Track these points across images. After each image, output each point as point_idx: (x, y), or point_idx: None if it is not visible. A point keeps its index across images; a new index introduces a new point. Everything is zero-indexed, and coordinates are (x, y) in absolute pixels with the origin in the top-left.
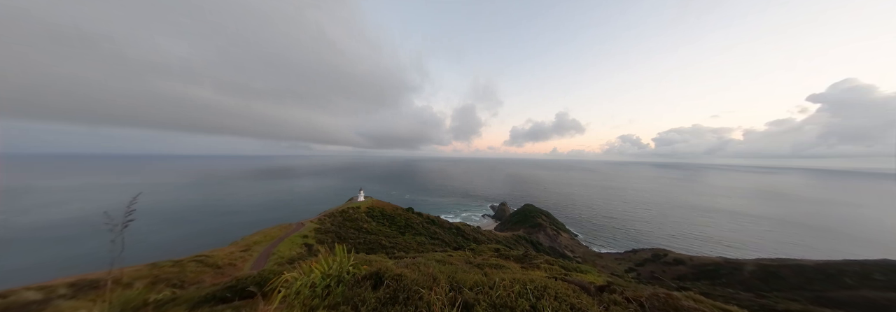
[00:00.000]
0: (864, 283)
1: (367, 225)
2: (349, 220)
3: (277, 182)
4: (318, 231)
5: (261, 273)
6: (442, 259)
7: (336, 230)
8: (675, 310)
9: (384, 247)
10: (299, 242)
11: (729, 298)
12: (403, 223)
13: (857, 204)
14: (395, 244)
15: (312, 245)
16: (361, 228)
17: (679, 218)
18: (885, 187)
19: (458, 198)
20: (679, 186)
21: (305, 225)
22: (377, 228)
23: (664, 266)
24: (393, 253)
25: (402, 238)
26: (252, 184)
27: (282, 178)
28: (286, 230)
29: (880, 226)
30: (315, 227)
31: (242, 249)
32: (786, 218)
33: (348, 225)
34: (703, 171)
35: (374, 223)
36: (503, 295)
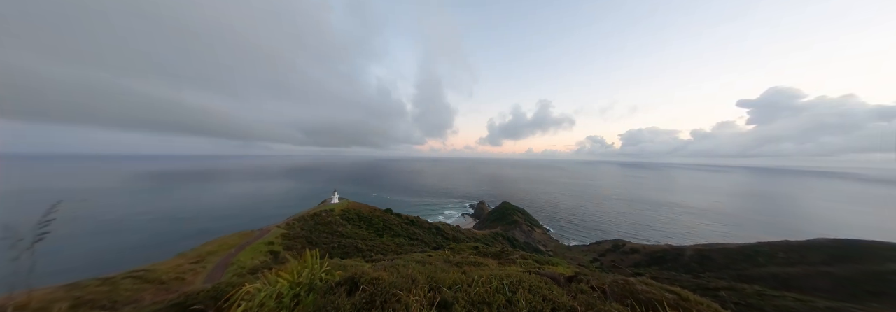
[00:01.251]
0: (771, 261)
1: (343, 228)
2: (322, 224)
3: (235, 184)
4: (285, 236)
5: (216, 286)
6: (421, 259)
7: (307, 235)
8: (631, 294)
9: (361, 251)
10: (263, 250)
11: (673, 280)
12: (382, 225)
13: (777, 196)
14: (373, 246)
15: (279, 252)
16: (336, 232)
17: (636, 211)
18: (803, 182)
19: (438, 198)
20: (638, 183)
21: (271, 230)
22: (353, 231)
23: (623, 255)
24: (370, 256)
25: (380, 240)
26: (205, 187)
27: (240, 180)
28: (248, 237)
29: (791, 214)
30: (282, 233)
31: (193, 261)
32: (720, 209)
33: (321, 228)
34: (660, 169)
35: (349, 226)
36: (481, 292)
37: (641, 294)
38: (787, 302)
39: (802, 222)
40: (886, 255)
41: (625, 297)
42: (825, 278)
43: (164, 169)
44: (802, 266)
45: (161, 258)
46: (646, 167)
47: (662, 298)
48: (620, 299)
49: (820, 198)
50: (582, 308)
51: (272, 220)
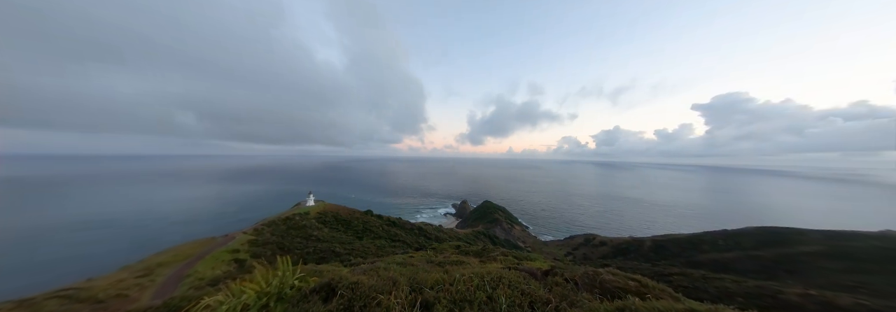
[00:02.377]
0: (713, 248)
1: (318, 232)
2: (295, 228)
3: (193, 187)
4: (253, 243)
5: (168, 302)
6: (403, 261)
7: (278, 240)
8: (599, 284)
9: (339, 255)
10: (227, 258)
11: (635, 269)
12: (361, 227)
13: (723, 191)
14: (352, 250)
15: (245, 260)
16: (311, 236)
17: (606, 207)
18: (748, 179)
19: (421, 198)
20: (609, 181)
21: (236, 237)
22: (330, 235)
23: (593, 248)
24: (349, 260)
25: (359, 243)
26: (153, 191)
27: (193, 183)
28: (207, 245)
29: (731, 206)
30: (249, 239)
31: (140, 274)
32: (676, 203)
33: (294, 233)
34: (631, 169)
35: (326, 229)
36: (462, 290)
37: (608, 284)
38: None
39: (739, 213)
40: (798, 239)
41: (594, 287)
42: (754, 261)
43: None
44: (737, 251)
45: (99, 273)
46: (618, 166)
47: (626, 286)
48: (590, 289)
49: (757, 193)
50: (556, 300)
51: (238, 226)
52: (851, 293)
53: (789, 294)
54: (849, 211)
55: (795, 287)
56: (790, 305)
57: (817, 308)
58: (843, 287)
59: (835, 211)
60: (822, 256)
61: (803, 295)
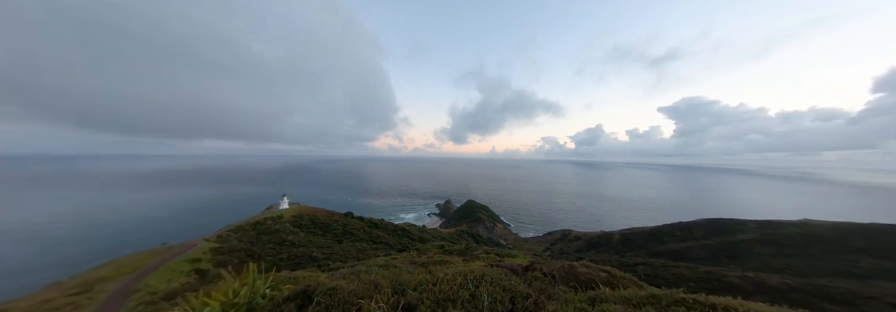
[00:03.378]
0: (671, 239)
1: (293, 236)
2: (267, 233)
3: (137, 191)
4: (217, 251)
5: None
6: (385, 263)
7: (247, 247)
8: (574, 276)
9: (316, 260)
10: (185, 269)
11: (605, 261)
12: (340, 230)
13: (685, 188)
14: (331, 254)
15: (208, 270)
16: (285, 241)
17: (582, 204)
18: (708, 177)
19: (404, 199)
20: (585, 180)
21: (197, 245)
22: (307, 239)
23: (569, 242)
24: (328, 265)
25: (339, 246)
26: (85, 195)
27: (144, 186)
28: (161, 255)
29: (689, 201)
30: (213, 247)
31: (74, 292)
32: (643, 199)
33: (266, 238)
34: (607, 167)
35: (302, 233)
36: (445, 290)
37: (582, 276)
38: (681, 270)
39: (693, 207)
40: (738, 228)
41: (570, 279)
42: (705, 249)
43: (89, 170)
44: (691, 241)
45: (20, 292)
46: (595, 166)
47: (598, 277)
48: (566, 281)
49: (711, 189)
50: (536, 294)
51: (200, 232)
52: (779, 273)
53: (731, 278)
54: (781, 202)
55: (736, 270)
56: (732, 286)
57: (754, 288)
58: (773, 269)
59: (770, 203)
60: (757, 243)
61: (742, 278)
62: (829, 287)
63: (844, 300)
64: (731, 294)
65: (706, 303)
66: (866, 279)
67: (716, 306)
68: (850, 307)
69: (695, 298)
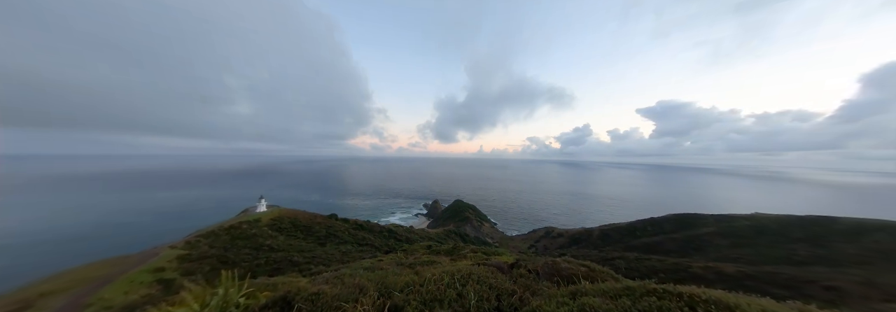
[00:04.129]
0: (644, 233)
1: (272, 240)
2: (242, 238)
3: (88, 195)
4: (184, 258)
5: None
6: (371, 265)
7: (220, 253)
8: (557, 272)
9: (297, 264)
10: (147, 280)
11: (586, 256)
12: (324, 232)
13: (660, 185)
14: (313, 258)
15: (174, 279)
16: (263, 246)
17: (565, 202)
18: (683, 176)
19: (391, 199)
20: (569, 179)
21: (160, 253)
22: (287, 243)
23: (552, 239)
24: (309, 270)
25: (322, 250)
26: (26, 199)
27: (95, 189)
28: (118, 266)
29: (662, 197)
30: (179, 254)
31: (13, 309)
32: (622, 197)
33: (241, 243)
34: (590, 167)
35: (281, 237)
36: (433, 290)
37: (564, 271)
38: (652, 263)
39: (665, 203)
40: (701, 222)
41: (553, 275)
42: (673, 242)
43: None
44: (661, 235)
45: None
46: (579, 165)
47: (578, 271)
48: (549, 277)
49: (685, 187)
50: (521, 290)
51: (164, 238)
52: (734, 262)
53: (695, 268)
54: (740, 197)
55: (699, 261)
56: (696, 276)
57: (714, 277)
58: (729, 258)
59: (731, 198)
60: (716, 235)
61: (704, 267)
62: (775, 273)
63: (787, 284)
64: (695, 283)
65: (674, 292)
66: (804, 265)
67: (682, 294)
68: (793, 290)
69: (664, 288)
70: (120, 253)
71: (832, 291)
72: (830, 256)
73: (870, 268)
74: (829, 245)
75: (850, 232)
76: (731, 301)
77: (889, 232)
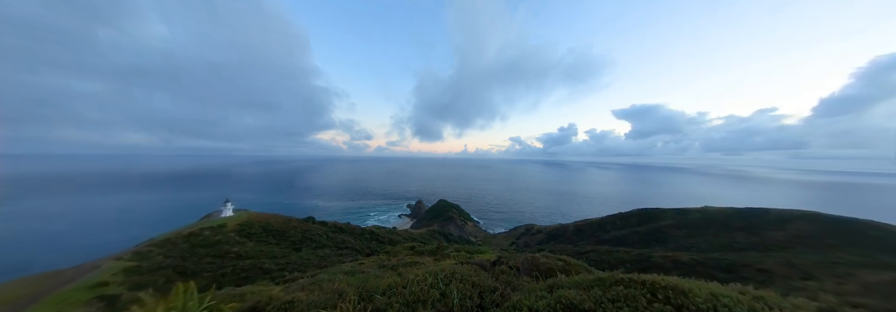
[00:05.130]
0: (614, 228)
1: (240, 247)
2: (204, 245)
3: (11, 201)
4: (133, 271)
5: None
6: (351, 269)
7: (177, 263)
8: (536, 267)
9: (269, 272)
10: (84, 297)
11: (562, 250)
12: (299, 237)
13: (631, 183)
14: (287, 264)
15: (120, 295)
16: (229, 253)
17: (545, 200)
18: (654, 175)
19: (373, 200)
20: (549, 178)
21: (101, 266)
22: (257, 249)
23: (531, 236)
24: (283, 277)
25: (297, 255)
26: None
27: (23, 195)
28: (47, 283)
29: (630, 194)
30: (127, 266)
31: None
32: (596, 194)
33: (203, 252)
34: (571, 166)
35: (251, 243)
36: (416, 291)
37: (543, 266)
38: (620, 255)
39: (635, 199)
40: (661, 216)
41: (532, 270)
42: (638, 235)
43: None
44: (628, 228)
45: None
46: (560, 165)
47: (555, 265)
48: (529, 272)
49: (653, 184)
50: (502, 287)
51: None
52: (688, 251)
53: (656, 258)
54: (698, 192)
55: (660, 251)
56: (657, 265)
57: (671, 265)
58: (684, 247)
59: (690, 193)
60: (674, 227)
61: (664, 257)
62: (719, 259)
63: (729, 268)
64: (656, 272)
65: (638, 281)
66: (742, 251)
67: (645, 282)
68: (733, 273)
69: (630, 277)
70: (51, 268)
71: (764, 273)
72: (762, 242)
73: (791, 251)
74: (762, 233)
75: (777, 221)
76: (685, 286)
77: (807, 220)
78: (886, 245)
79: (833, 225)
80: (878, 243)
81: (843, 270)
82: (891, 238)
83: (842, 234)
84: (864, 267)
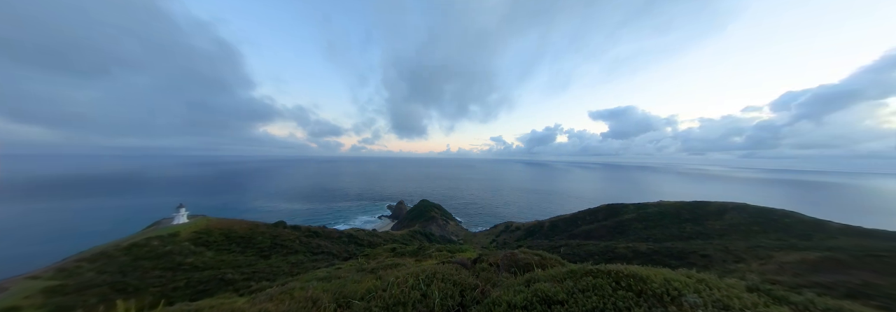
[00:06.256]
0: (584, 222)
1: (195, 257)
2: (150, 257)
3: None
4: (55, 291)
5: None
6: (327, 275)
7: (115, 279)
8: (515, 262)
9: (232, 282)
10: None
11: (538, 246)
12: (268, 243)
13: (603, 181)
14: (253, 273)
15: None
16: (181, 265)
17: (524, 198)
18: (625, 173)
19: (352, 202)
20: (529, 177)
21: (11, 287)
22: (217, 259)
23: (510, 233)
24: (249, 287)
25: (265, 263)
26: None
27: None
28: None
29: (599, 191)
30: (46, 286)
31: None
32: (571, 192)
33: (148, 265)
34: (552, 166)
35: (209, 252)
36: (397, 293)
37: (521, 261)
38: (589, 247)
39: (604, 195)
40: (625, 210)
41: (511, 266)
42: (604, 228)
43: None
44: (596, 223)
45: None
46: (540, 164)
47: (532, 260)
48: (508, 268)
49: (624, 181)
50: (482, 284)
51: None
52: (646, 242)
53: (620, 249)
54: (658, 188)
55: (623, 243)
56: (621, 255)
57: (632, 255)
58: (643, 238)
59: (651, 189)
60: (634, 220)
61: (626, 248)
62: (671, 247)
63: (678, 256)
64: (620, 262)
65: (604, 271)
66: (689, 239)
67: (610, 272)
68: (682, 260)
69: (598, 268)
70: None
71: (705, 258)
72: (705, 231)
73: (727, 238)
74: (704, 222)
75: (716, 212)
76: (644, 273)
77: (738, 211)
78: (795, 230)
79: (757, 215)
80: (788, 229)
81: (764, 252)
82: (798, 224)
83: (763, 222)
84: (779, 250)
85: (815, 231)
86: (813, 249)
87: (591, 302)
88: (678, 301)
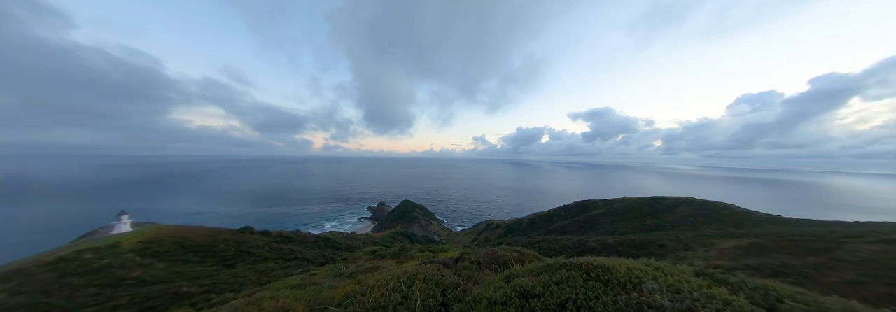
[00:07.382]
0: (559, 218)
1: (142, 270)
2: (82, 273)
3: None
4: None
5: None
6: (300, 282)
7: (36, 301)
8: (495, 260)
9: (188, 297)
10: None
11: (518, 242)
12: (232, 251)
13: (582, 179)
14: (214, 285)
15: None
16: (124, 279)
17: (504, 196)
18: (604, 172)
19: (330, 204)
20: (511, 176)
21: None
22: (169, 270)
23: (492, 231)
24: (209, 300)
25: (229, 272)
26: None
27: None
28: None
29: (574, 189)
30: None
31: None
32: (550, 190)
33: (79, 282)
34: (535, 165)
35: (160, 264)
36: (377, 297)
37: (501, 258)
38: (563, 242)
39: (579, 192)
40: (595, 206)
41: (492, 263)
42: (577, 224)
43: None
44: (570, 218)
45: None
46: (522, 164)
47: (512, 257)
48: (489, 265)
49: (599, 179)
50: (464, 282)
51: None
52: (613, 235)
53: (590, 242)
54: (626, 185)
55: (593, 236)
56: (591, 248)
57: (601, 248)
58: (610, 232)
59: (620, 186)
60: (603, 215)
61: (596, 241)
62: (634, 239)
63: (640, 246)
64: (590, 254)
65: (577, 264)
66: (649, 231)
67: (581, 264)
68: (642, 250)
69: (570, 261)
70: None
71: (662, 247)
72: (661, 224)
73: (678, 229)
74: (661, 216)
75: (671, 206)
76: (610, 264)
77: (688, 204)
78: (732, 220)
79: (703, 208)
80: (727, 219)
81: (708, 241)
82: (734, 215)
83: (707, 214)
84: (719, 238)
85: (746, 220)
86: (744, 236)
87: (564, 294)
88: (639, 288)
